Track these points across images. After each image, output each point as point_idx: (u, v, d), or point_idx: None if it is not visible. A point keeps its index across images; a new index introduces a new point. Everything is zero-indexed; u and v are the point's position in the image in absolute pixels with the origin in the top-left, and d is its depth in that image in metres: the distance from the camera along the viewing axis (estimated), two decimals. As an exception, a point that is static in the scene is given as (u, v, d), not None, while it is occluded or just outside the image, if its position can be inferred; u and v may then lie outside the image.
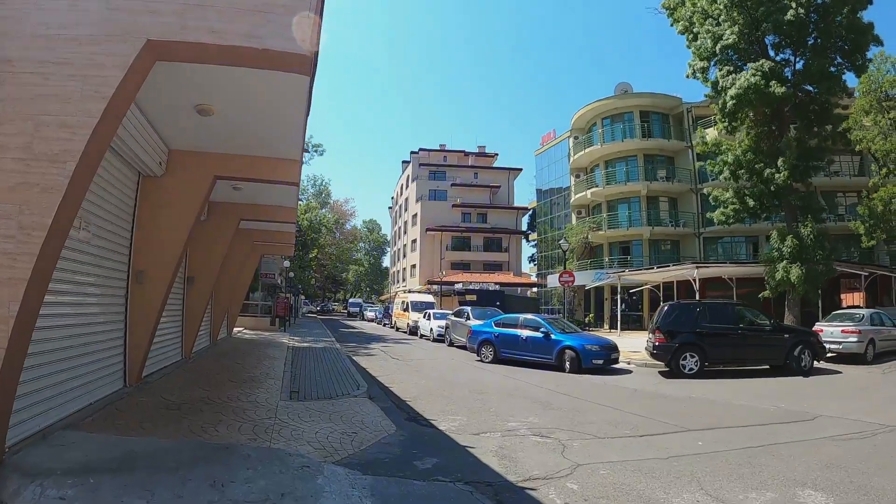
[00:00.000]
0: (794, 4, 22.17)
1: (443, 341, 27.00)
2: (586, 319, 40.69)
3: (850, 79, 25.30)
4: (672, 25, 28.17)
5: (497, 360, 18.08)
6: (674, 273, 30.12)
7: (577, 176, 47.29)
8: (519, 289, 57.85)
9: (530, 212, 71.96)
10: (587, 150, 44.34)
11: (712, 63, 25.26)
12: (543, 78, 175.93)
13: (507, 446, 7.31)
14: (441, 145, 74.71)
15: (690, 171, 41.04)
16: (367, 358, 19.09)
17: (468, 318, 23.87)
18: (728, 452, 7.12)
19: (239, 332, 26.64)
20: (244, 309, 29.56)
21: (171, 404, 8.50)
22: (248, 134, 9.05)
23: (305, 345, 22.44)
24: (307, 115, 8.67)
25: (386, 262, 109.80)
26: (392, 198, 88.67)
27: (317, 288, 74.41)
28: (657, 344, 15.73)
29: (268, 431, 7.25)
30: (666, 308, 16.80)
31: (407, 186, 72.91)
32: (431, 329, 29.27)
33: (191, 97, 7.45)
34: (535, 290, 59.72)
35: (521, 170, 72.56)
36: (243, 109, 8.01)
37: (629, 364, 17.85)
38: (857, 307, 29.66)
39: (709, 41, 24.44)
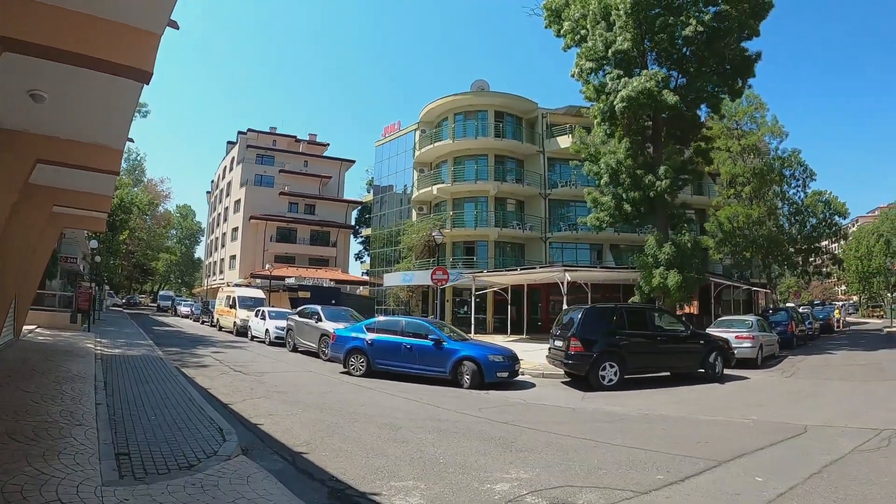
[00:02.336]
0: (693, 21, 22.57)
1: (282, 345, 23.21)
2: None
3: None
4: (549, 27, 28.38)
5: (370, 372, 14.80)
6: (540, 276, 28.57)
7: (422, 171, 44.83)
8: (348, 286, 54.24)
9: (359, 207, 68.96)
10: (436, 145, 41.95)
11: (603, 66, 24.91)
12: (385, 68, 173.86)
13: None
14: (271, 128, 68.85)
15: (540, 176, 40.55)
16: (202, 371, 14.74)
17: (320, 320, 20.30)
18: (806, 487, 6.11)
19: (30, 331, 20.67)
20: (37, 301, 22.97)
21: None
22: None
23: (118, 351, 17.48)
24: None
25: (199, 252, 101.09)
26: (212, 181, 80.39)
27: (123, 277, 65.30)
28: (573, 353, 14.04)
29: None
30: (581, 313, 14.88)
31: (231, 169, 66.15)
32: (267, 330, 25.14)
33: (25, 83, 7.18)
34: (361, 288, 56.52)
35: (353, 161, 69.16)
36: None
37: (523, 375, 15.65)
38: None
39: (601, 44, 24.05)
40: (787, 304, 49.16)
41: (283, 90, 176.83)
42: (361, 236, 71.70)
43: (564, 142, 39.89)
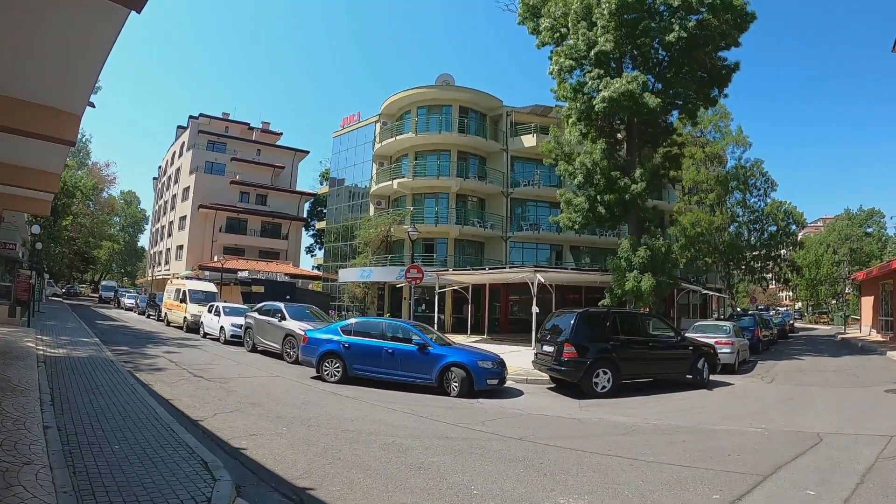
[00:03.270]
0: (676, 27, 22.39)
1: (239, 344, 21.85)
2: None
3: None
4: (522, 24, 27.91)
5: (347, 378, 13.67)
6: (509, 276, 27.88)
7: (381, 164, 43.57)
8: (300, 281, 52.58)
9: (312, 199, 67.33)
10: (397, 138, 40.74)
11: (582, 65, 24.53)
12: (344, 58, 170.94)
13: None
14: (224, 114, 66.41)
15: (503, 174, 39.92)
16: (159, 376, 13.23)
17: (283, 319, 19.01)
18: (861, 498, 6.09)
19: None
20: None
21: None
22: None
23: (62, 352, 15.58)
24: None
25: (143, 241, 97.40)
26: (160, 167, 77.10)
27: (64, 266, 61.95)
28: (566, 359, 13.57)
29: None
30: (574, 318, 14.22)
31: (181, 155, 63.37)
32: (222, 328, 23.60)
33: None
34: (313, 283, 54.85)
35: (307, 152, 67.51)
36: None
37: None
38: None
39: (582, 43, 23.64)
40: (742, 309, 50.19)
41: (235, 75, 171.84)
42: (313, 229, 70.04)
43: (529, 141, 39.57)
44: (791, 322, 49.90)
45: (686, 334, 18.18)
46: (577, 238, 39.97)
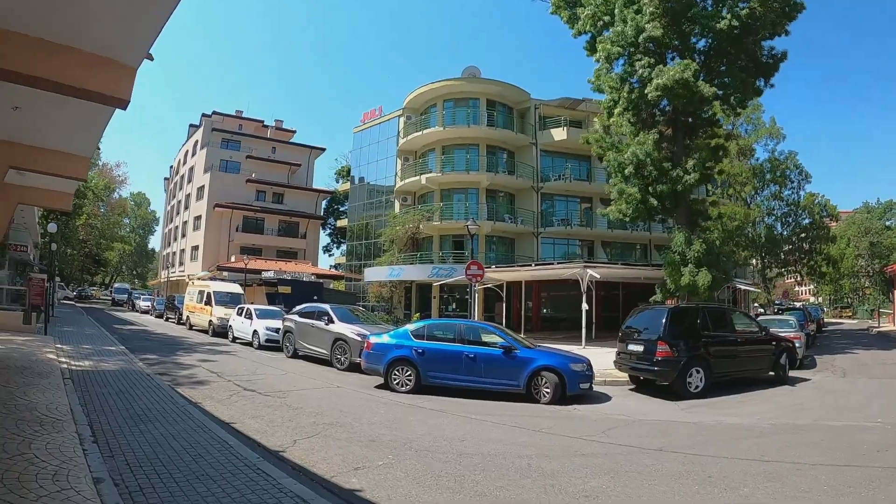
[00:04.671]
0: (728, 16, 21.94)
1: (274, 349, 20.64)
2: (412, 320, 36.28)
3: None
4: (556, 13, 27.12)
5: (419, 387, 12.41)
6: (557, 272, 26.60)
7: (406, 160, 42.37)
8: (321, 281, 51.28)
9: (329, 197, 66.09)
10: (424, 132, 39.49)
11: (630, 53, 23.48)
12: (358, 53, 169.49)
13: None
14: (237, 111, 65.04)
15: (533, 168, 38.67)
16: (206, 392, 11.69)
17: (331, 322, 17.62)
18: None
19: None
20: None
21: None
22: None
23: (89, 364, 13.89)
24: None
25: (152, 242, 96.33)
26: (171, 167, 75.74)
27: (76, 269, 60.61)
28: (660, 358, 12.86)
29: None
30: (666, 314, 13.57)
31: (194, 154, 62.06)
32: (255, 332, 22.24)
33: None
34: (333, 283, 53.39)
35: (324, 149, 65.94)
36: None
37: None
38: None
39: (631, 30, 22.66)
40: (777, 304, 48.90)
41: (244, 73, 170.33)
42: (330, 228, 68.78)
43: (559, 134, 38.34)
44: (822, 317, 48.73)
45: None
46: (608, 233, 39.19)
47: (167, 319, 37.44)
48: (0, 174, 7.90)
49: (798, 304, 40.27)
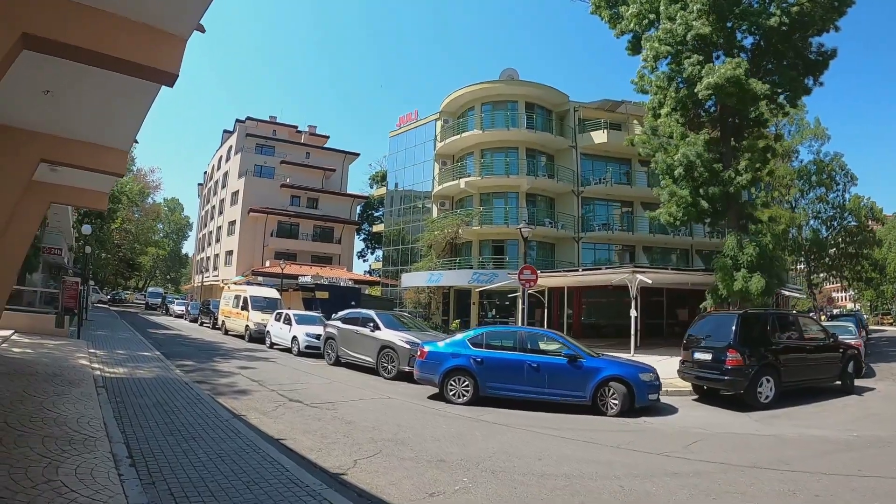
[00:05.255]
0: (778, 12, 21.35)
1: (314, 356, 20.19)
2: (451, 326, 35.65)
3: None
4: (595, 13, 26.90)
5: (477, 398, 11.78)
6: (607, 277, 25.62)
7: (444, 164, 41.81)
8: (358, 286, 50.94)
9: (363, 202, 65.88)
10: (462, 136, 38.92)
11: (679, 51, 22.83)
12: (389, 62, 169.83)
13: None
14: (271, 117, 65.32)
15: (573, 172, 37.85)
16: (247, 402, 11.03)
17: (377, 328, 17.05)
18: None
19: (4, 339, 15.70)
20: (14, 298, 18.89)
21: None
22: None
23: (123, 372, 13.26)
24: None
25: (186, 247, 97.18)
26: (205, 173, 76.36)
27: (110, 272, 60.96)
28: (731, 367, 12.23)
29: None
30: (737, 320, 12.91)
31: (228, 159, 62.39)
32: (295, 338, 21.72)
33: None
34: (368, 288, 52.99)
35: (357, 154, 65.90)
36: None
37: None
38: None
39: (680, 27, 22.06)
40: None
41: (277, 80, 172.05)
42: (364, 233, 68.53)
43: (599, 137, 37.63)
44: (867, 324, 47.05)
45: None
46: (649, 238, 38.47)
47: (202, 324, 37.36)
48: (30, 170, 7.41)
49: (845, 311, 38.84)
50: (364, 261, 70.54)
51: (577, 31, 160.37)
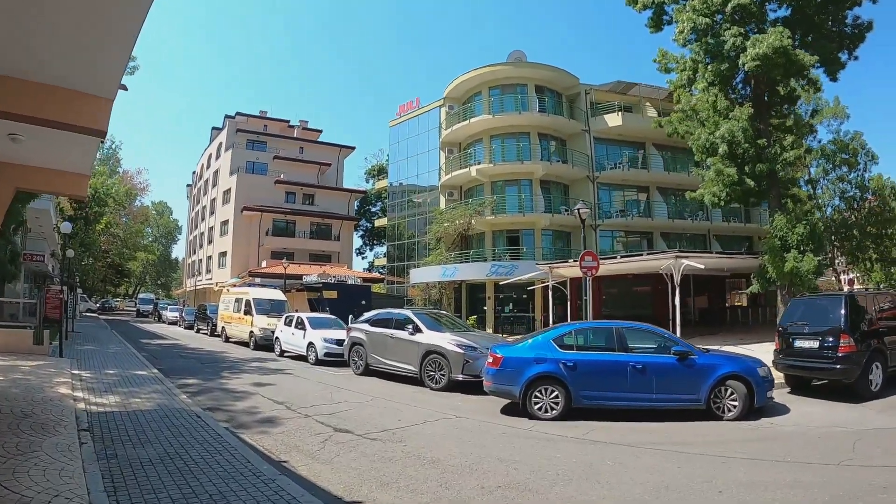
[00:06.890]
0: None
1: (336, 364, 18.17)
2: (469, 322, 33.75)
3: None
4: None
5: (568, 411, 9.85)
6: (648, 263, 23.79)
7: (450, 152, 39.91)
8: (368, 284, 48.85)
9: (361, 197, 63.79)
10: (470, 122, 37.02)
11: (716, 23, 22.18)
12: (381, 51, 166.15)
13: None
14: (262, 112, 62.76)
15: (587, 157, 36.11)
16: (281, 437, 8.50)
17: (417, 331, 14.87)
18: None
19: None
20: None
21: None
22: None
23: (114, 401, 10.43)
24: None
25: (175, 251, 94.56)
26: (194, 172, 73.67)
27: (98, 279, 58.35)
28: (843, 354, 11.13)
29: None
30: (844, 302, 11.89)
31: (218, 156, 59.89)
32: (312, 344, 19.48)
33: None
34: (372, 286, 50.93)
35: (353, 148, 63.61)
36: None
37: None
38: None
39: None
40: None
41: (263, 77, 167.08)
42: (363, 229, 66.45)
43: (613, 120, 35.96)
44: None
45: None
46: (667, 224, 37.21)
47: (198, 331, 35.10)
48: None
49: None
50: (363, 258, 68.55)
51: (579, 12, 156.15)
